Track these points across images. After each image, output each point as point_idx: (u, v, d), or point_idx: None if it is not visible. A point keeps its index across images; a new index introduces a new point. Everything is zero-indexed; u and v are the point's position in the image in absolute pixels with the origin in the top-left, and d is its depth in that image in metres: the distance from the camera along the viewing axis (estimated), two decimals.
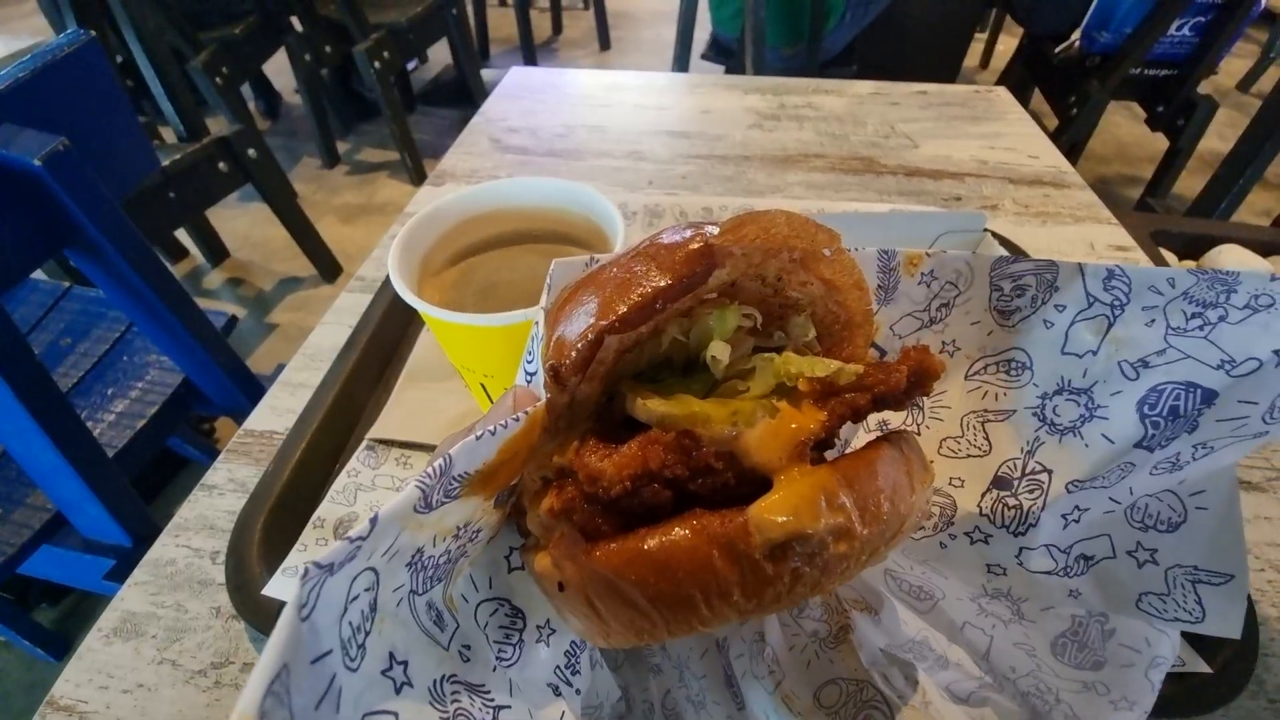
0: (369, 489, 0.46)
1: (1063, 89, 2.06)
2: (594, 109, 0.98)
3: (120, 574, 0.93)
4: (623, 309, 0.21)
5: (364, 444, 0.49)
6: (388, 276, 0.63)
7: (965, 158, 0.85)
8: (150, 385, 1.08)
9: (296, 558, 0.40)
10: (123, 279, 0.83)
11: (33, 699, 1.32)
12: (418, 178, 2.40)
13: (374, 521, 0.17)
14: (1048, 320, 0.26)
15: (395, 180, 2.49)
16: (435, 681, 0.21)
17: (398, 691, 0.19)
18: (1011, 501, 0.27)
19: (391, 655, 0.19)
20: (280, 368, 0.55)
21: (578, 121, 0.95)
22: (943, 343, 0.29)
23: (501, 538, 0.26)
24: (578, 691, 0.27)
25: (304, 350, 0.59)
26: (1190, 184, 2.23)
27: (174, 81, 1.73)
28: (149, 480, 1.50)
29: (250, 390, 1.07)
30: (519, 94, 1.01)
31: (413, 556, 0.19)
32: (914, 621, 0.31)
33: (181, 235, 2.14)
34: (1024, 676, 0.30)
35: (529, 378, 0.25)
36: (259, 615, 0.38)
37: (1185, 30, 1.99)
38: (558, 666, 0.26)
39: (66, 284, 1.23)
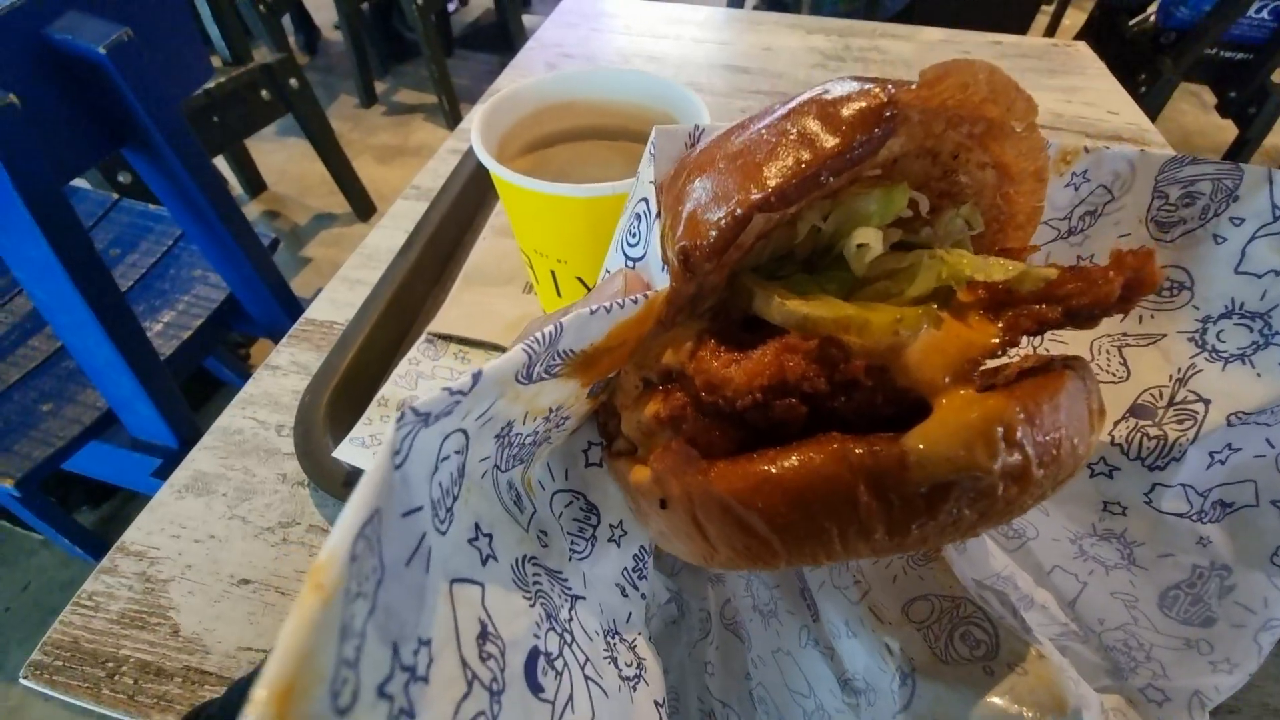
0: (429, 377, 0.46)
1: (1133, 65, 1.95)
2: (653, 40, 0.95)
3: (167, 473, 0.96)
4: (776, 179, 0.17)
5: (424, 336, 0.49)
6: (444, 184, 0.63)
7: (1040, 109, 0.82)
8: (196, 299, 1.10)
9: (363, 429, 0.41)
10: (178, 183, 0.83)
11: (67, 596, 1.38)
12: (454, 121, 2.37)
13: (476, 377, 0.15)
14: (1219, 235, 0.23)
15: (431, 123, 2.47)
16: (517, 560, 0.20)
17: (484, 564, 0.18)
18: (1153, 431, 0.24)
19: (477, 526, 0.18)
20: (318, 291, 0.55)
21: (635, 51, 0.92)
22: (1078, 257, 0.26)
23: (581, 431, 0.24)
24: (643, 596, 0.26)
25: (361, 250, 0.59)
26: None
27: (221, 6, 1.72)
28: (187, 398, 1.54)
29: (292, 311, 1.08)
30: (575, 21, 0.99)
31: (502, 429, 0.18)
32: (1000, 557, 0.29)
33: (222, 167, 2.15)
34: (1112, 630, 0.28)
35: (631, 262, 0.22)
36: (327, 479, 0.39)
37: (1265, 14, 1.88)
38: (625, 569, 0.25)
39: (115, 196, 1.25)
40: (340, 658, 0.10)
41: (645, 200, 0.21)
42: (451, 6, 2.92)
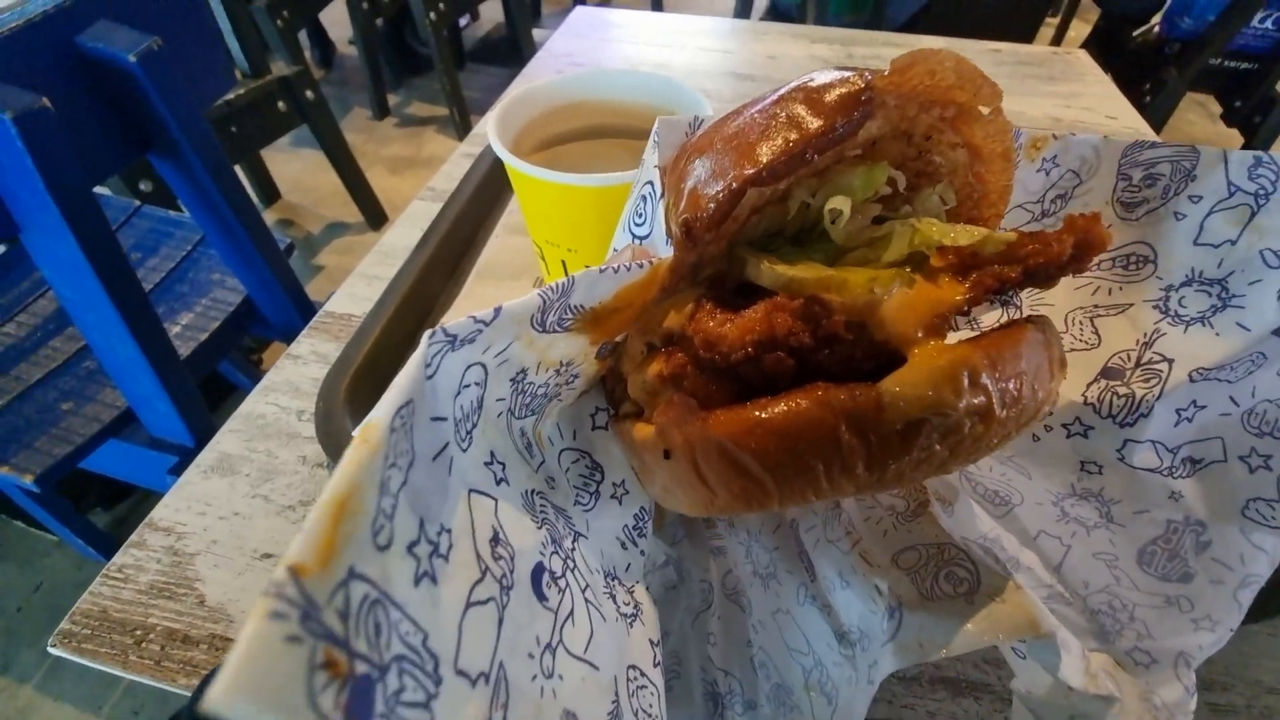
0: None
1: (1138, 75, 1.97)
2: (658, 49, 0.98)
3: (182, 471, 0.98)
4: (767, 157, 0.19)
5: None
6: (459, 184, 0.65)
7: (1038, 114, 0.83)
8: (213, 302, 1.13)
9: None
10: (201, 187, 0.86)
11: (79, 596, 1.40)
12: (464, 132, 2.42)
13: (498, 311, 0.17)
14: (1179, 212, 0.24)
15: (442, 135, 2.51)
16: (527, 491, 0.22)
17: (497, 484, 0.20)
18: (1122, 390, 0.26)
19: (493, 453, 0.20)
20: (330, 295, 0.57)
21: (642, 60, 0.95)
22: None
23: (589, 396, 0.26)
24: (642, 552, 0.28)
25: (379, 247, 0.61)
26: None
27: (241, 21, 1.77)
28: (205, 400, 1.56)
29: (307, 314, 1.11)
30: (584, 31, 1.01)
31: (517, 374, 0.19)
32: (987, 521, 0.30)
33: (239, 176, 2.20)
34: (1096, 593, 0.29)
35: (638, 240, 0.24)
36: None
37: (1269, 24, 1.89)
38: (626, 525, 0.27)
39: (136, 203, 1.29)
40: (379, 506, 0.12)
41: (650, 183, 0.23)
42: (463, 21, 2.98)
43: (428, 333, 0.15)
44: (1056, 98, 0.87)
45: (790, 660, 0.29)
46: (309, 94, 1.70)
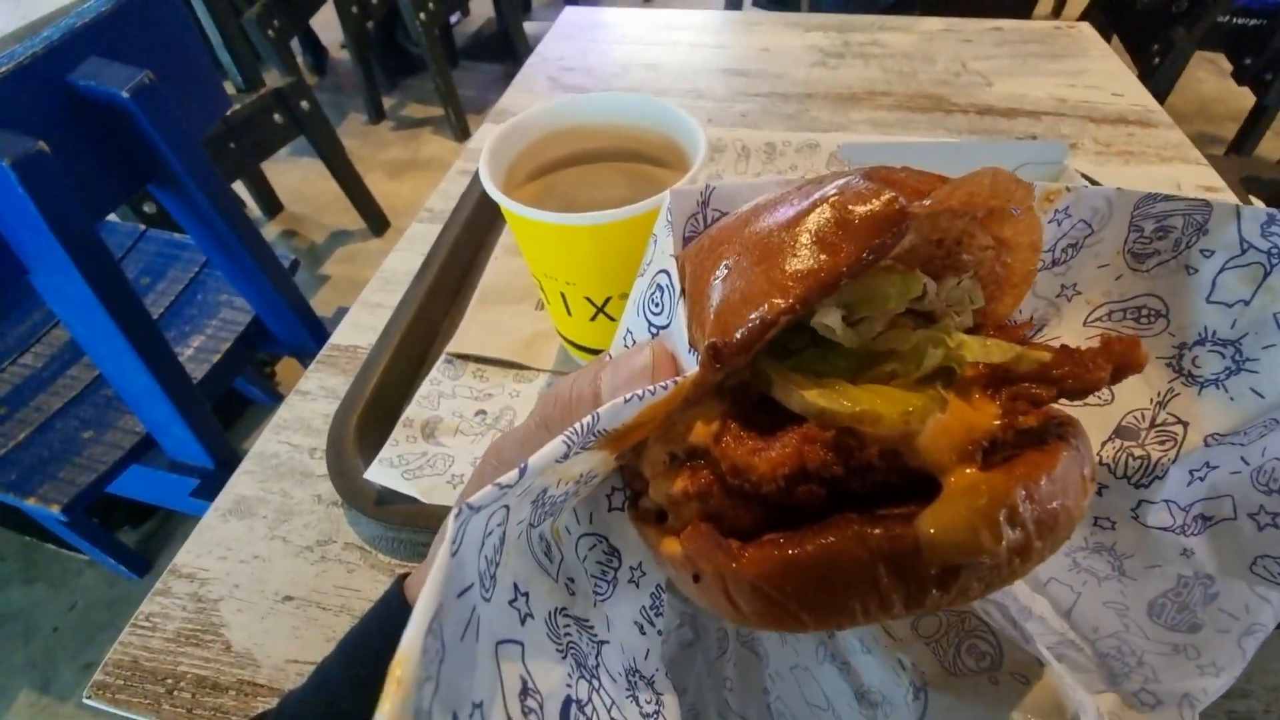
0: (450, 396, 0.48)
1: (1145, 37, 1.91)
2: (649, 47, 0.96)
3: (205, 493, 1.00)
4: (801, 287, 0.18)
5: (443, 357, 0.51)
6: (455, 206, 0.65)
7: (1042, 95, 0.82)
8: (223, 323, 1.14)
9: (390, 450, 0.43)
10: (202, 215, 0.87)
11: (114, 614, 1.43)
12: (461, 134, 2.41)
13: (523, 471, 0.17)
14: (1191, 266, 0.24)
15: (439, 136, 2.50)
16: (550, 614, 0.22)
17: (522, 622, 0.20)
18: (1138, 452, 0.26)
19: (515, 586, 0.20)
20: (341, 311, 0.58)
21: (633, 60, 0.94)
22: (1061, 285, 0.28)
23: (606, 479, 0.26)
24: (659, 632, 0.28)
25: (380, 274, 0.61)
26: (1275, 146, 2.08)
27: (232, 34, 1.76)
28: (218, 417, 1.59)
29: (314, 330, 1.12)
30: (573, 33, 1.00)
31: (538, 495, 0.20)
32: None
33: (240, 190, 2.21)
34: (1106, 638, 0.29)
35: (656, 329, 0.23)
36: (359, 498, 0.41)
37: None
38: (643, 607, 0.27)
39: (142, 227, 1.30)
40: None
41: (666, 272, 0.23)
42: (454, 18, 2.95)
43: (453, 512, 0.15)
44: (1061, 76, 0.85)
45: (810, 714, 0.29)
46: (304, 105, 1.70)
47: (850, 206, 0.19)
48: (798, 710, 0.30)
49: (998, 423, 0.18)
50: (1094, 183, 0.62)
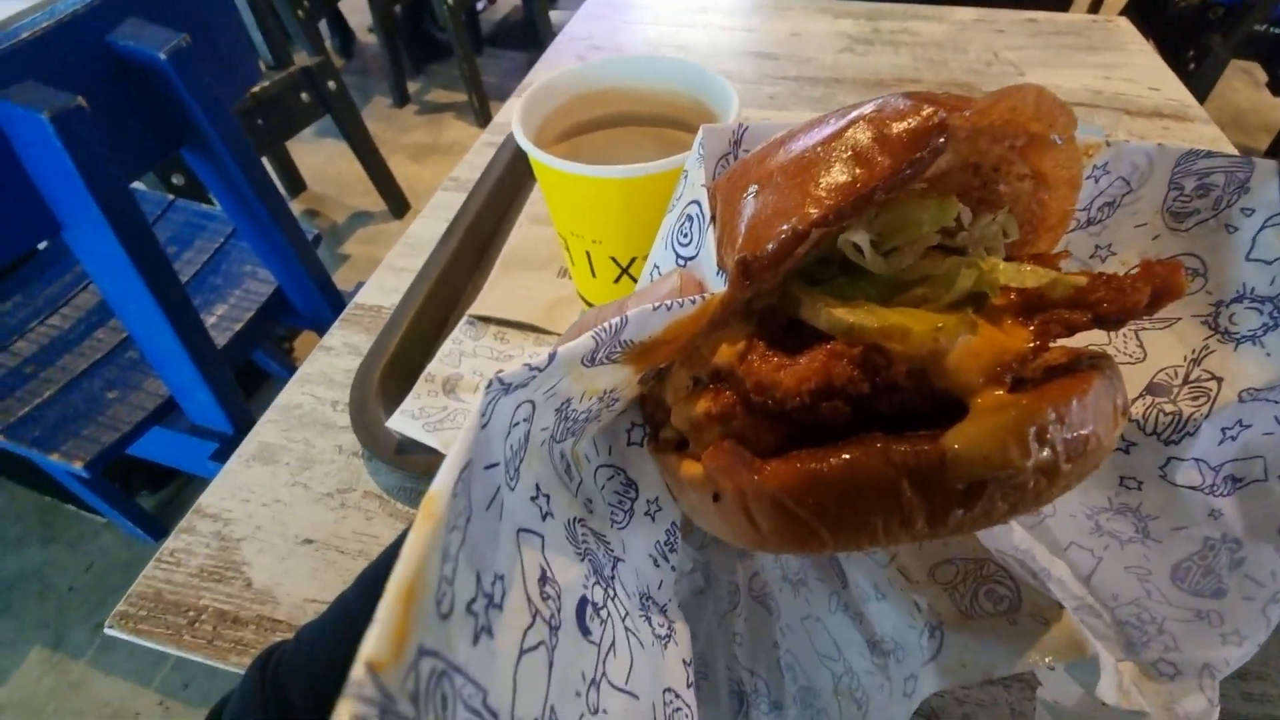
0: (471, 356, 0.49)
1: (1180, 42, 1.88)
2: (679, 29, 0.96)
3: (223, 456, 1.02)
4: (833, 198, 0.18)
5: (465, 318, 0.51)
6: (481, 175, 0.66)
7: (1076, 87, 0.80)
8: (246, 293, 1.16)
9: (413, 403, 0.43)
10: (232, 181, 0.88)
11: (130, 575, 1.46)
12: (484, 120, 2.42)
13: (552, 357, 0.16)
14: (1231, 225, 0.24)
15: (462, 121, 2.52)
16: (570, 520, 0.22)
17: (543, 519, 0.20)
18: (1169, 407, 0.25)
19: (538, 486, 0.20)
20: (359, 285, 0.58)
21: (663, 41, 0.93)
22: (1095, 246, 0.27)
23: (625, 413, 0.26)
24: (673, 568, 0.28)
25: (405, 239, 0.62)
26: None
27: (263, 11, 1.78)
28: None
29: (335, 304, 1.13)
30: (603, 14, 1.00)
31: (563, 404, 0.19)
32: (1020, 532, 0.30)
33: (265, 167, 2.23)
34: (1125, 605, 0.28)
35: (684, 261, 0.23)
36: (381, 448, 0.42)
37: None
38: (658, 542, 0.27)
39: (170, 197, 1.32)
40: (442, 574, 0.12)
41: (697, 203, 0.23)
42: (480, 5, 2.96)
43: (485, 381, 0.15)
44: (1096, 69, 0.84)
45: (819, 665, 0.29)
46: (331, 84, 1.72)
47: (889, 122, 0.18)
48: (807, 662, 0.30)
49: (1029, 345, 0.18)
50: None
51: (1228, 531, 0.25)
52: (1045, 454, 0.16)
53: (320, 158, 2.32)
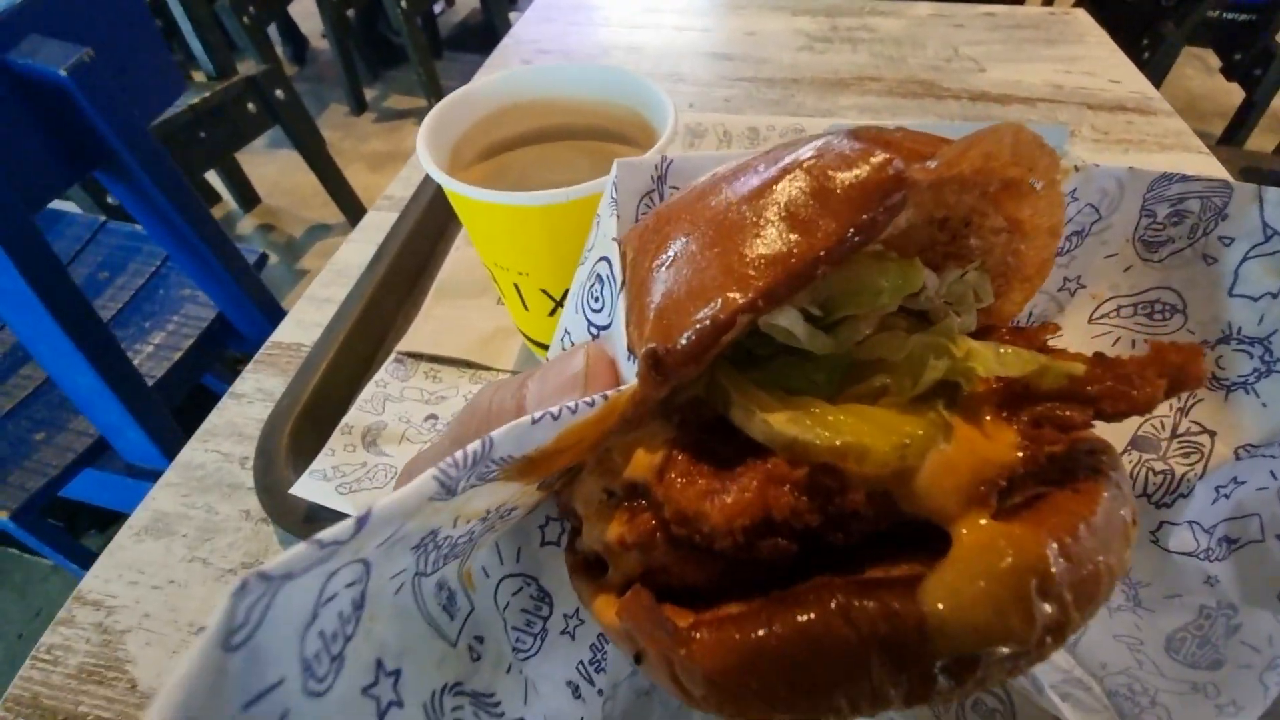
0: (397, 400, 0.44)
1: (1135, 31, 1.89)
2: (631, 30, 0.92)
3: None
4: (764, 277, 0.14)
5: (392, 356, 0.47)
6: (415, 191, 0.61)
7: (1037, 81, 0.78)
8: (186, 319, 1.09)
9: (325, 461, 0.39)
10: (154, 204, 0.82)
11: None
12: None
13: (362, 521, 0.13)
14: (1209, 255, 0.22)
15: None
16: (434, 694, 0.18)
17: (382, 716, 0.15)
18: (1159, 466, 0.23)
19: (379, 664, 0.16)
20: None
21: (613, 43, 0.89)
22: (1064, 278, 0.25)
23: (540, 506, 0.22)
24: (600, 692, 0.24)
25: (331, 265, 0.57)
26: (1261, 143, 2.06)
27: (202, 20, 1.70)
28: (187, 417, 1.53)
29: None
30: (551, 16, 0.96)
31: (422, 539, 0.16)
32: None
33: (215, 181, 2.14)
34: (1115, 674, 0.26)
35: (596, 330, 0.19)
36: (288, 516, 0.37)
37: None
38: (581, 662, 0.23)
39: (102, 219, 1.24)
40: None
41: (606, 260, 0.19)
42: (438, 7, 2.89)
43: (235, 584, 0.11)
44: (1056, 62, 0.82)
45: None
46: (279, 93, 1.64)
47: (831, 173, 0.15)
48: None
49: (1018, 455, 0.14)
50: None
51: (1223, 598, 0.23)
52: (1052, 610, 0.13)
53: (274, 169, 2.24)
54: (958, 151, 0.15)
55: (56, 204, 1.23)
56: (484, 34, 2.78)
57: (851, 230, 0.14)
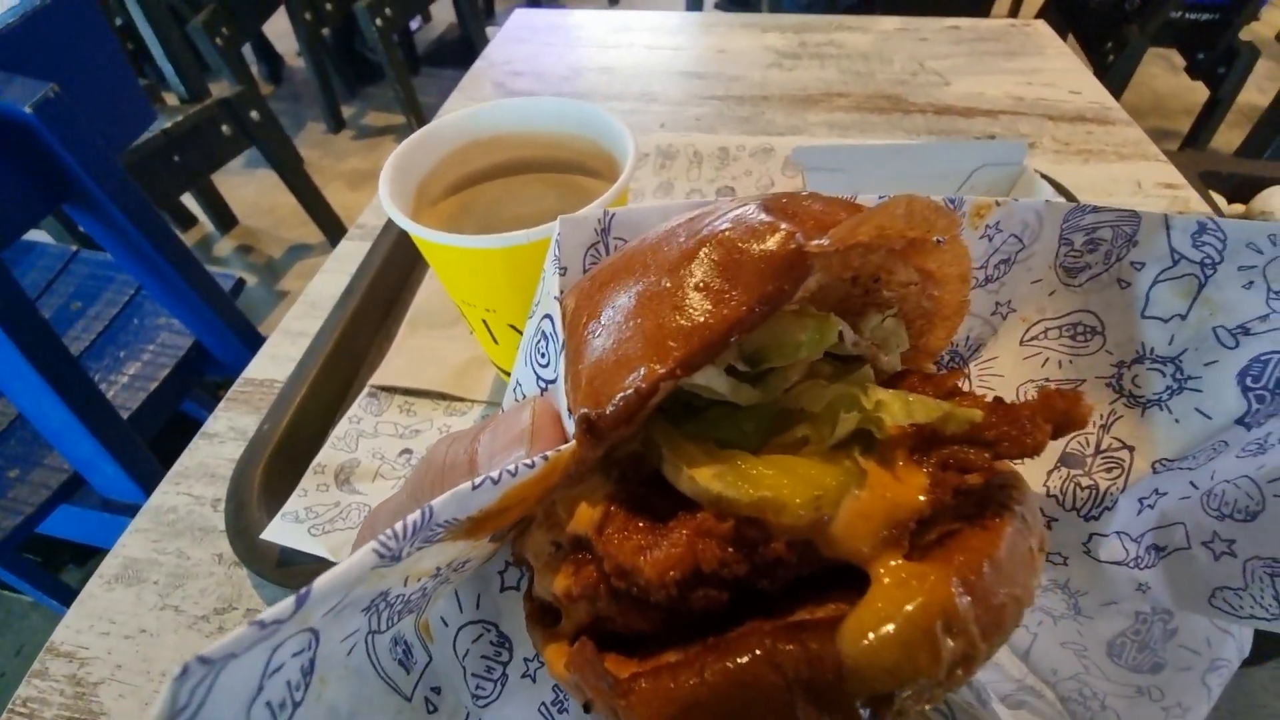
0: (371, 435, 0.44)
1: (1099, 34, 1.94)
2: (603, 50, 0.93)
3: None
4: (682, 347, 0.16)
5: (366, 390, 0.47)
6: (386, 223, 0.61)
7: (1000, 94, 0.80)
8: (161, 348, 1.07)
9: (297, 503, 0.38)
10: (125, 236, 0.81)
11: None
12: None
13: (301, 599, 0.13)
14: (1123, 279, 0.23)
15: None
16: None
17: None
18: (1085, 481, 0.24)
19: None
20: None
21: (585, 64, 0.90)
22: (996, 303, 0.26)
23: (498, 553, 0.22)
24: None
25: (304, 298, 0.57)
26: (1228, 138, 2.12)
27: (173, 42, 1.69)
28: (168, 444, 1.51)
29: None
30: (524, 36, 0.96)
31: (373, 600, 0.16)
32: None
33: (191, 204, 2.12)
34: (1066, 680, 0.27)
35: (544, 384, 0.20)
36: (260, 560, 0.37)
37: None
38: (543, 704, 0.23)
39: (74, 248, 1.22)
40: None
41: (550, 318, 0.20)
42: (415, 24, 2.89)
43: (176, 669, 0.11)
44: (1017, 74, 0.84)
45: None
46: (254, 114, 1.63)
47: (741, 245, 0.16)
48: None
49: (924, 498, 0.16)
50: (1054, 183, 0.60)
51: (1157, 604, 0.25)
52: (959, 644, 0.14)
53: (252, 190, 2.22)
54: (850, 228, 0.16)
55: (28, 234, 1.21)
56: (461, 50, 2.78)
57: (759, 300, 0.16)
